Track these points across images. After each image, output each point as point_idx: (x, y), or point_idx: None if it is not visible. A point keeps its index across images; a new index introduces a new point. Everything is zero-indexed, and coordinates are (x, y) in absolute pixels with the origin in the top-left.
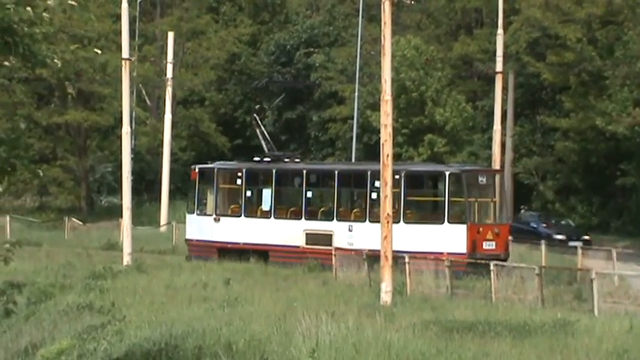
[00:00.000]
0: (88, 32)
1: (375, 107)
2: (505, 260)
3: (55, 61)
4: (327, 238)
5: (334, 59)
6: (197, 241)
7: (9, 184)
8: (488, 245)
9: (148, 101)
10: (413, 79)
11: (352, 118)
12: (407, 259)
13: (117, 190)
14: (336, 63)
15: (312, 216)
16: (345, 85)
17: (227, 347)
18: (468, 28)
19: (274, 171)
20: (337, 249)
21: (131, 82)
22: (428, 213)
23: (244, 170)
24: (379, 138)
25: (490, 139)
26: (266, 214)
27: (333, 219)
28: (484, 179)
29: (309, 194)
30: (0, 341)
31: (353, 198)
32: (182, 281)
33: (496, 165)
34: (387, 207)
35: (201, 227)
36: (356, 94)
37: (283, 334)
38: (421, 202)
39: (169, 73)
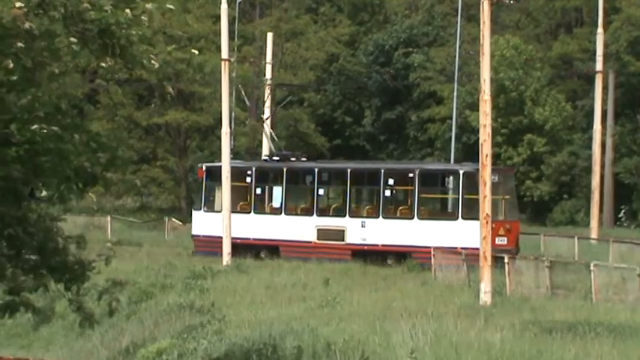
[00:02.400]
0: (187, 33)
1: (474, 107)
2: (516, 255)
3: (153, 62)
4: (339, 234)
5: (433, 59)
6: (204, 236)
7: (108, 187)
8: (501, 240)
9: (247, 102)
10: (512, 79)
11: (451, 118)
12: (506, 259)
13: None
14: (434, 63)
15: (323, 212)
16: (443, 85)
17: (326, 347)
18: (568, 27)
19: (285, 169)
20: (436, 249)
21: (230, 82)
22: (442, 209)
23: (254, 168)
24: (478, 138)
25: (590, 138)
26: (276, 211)
27: (345, 215)
28: (496, 178)
29: (321, 191)
30: (102, 340)
31: (366, 195)
32: (282, 281)
33: (596, 165)
34: (485, 207)
35: (209, 223)
36: (455, 93)
37: (382, 334)
38: (435, 199)
39: (268, 74)
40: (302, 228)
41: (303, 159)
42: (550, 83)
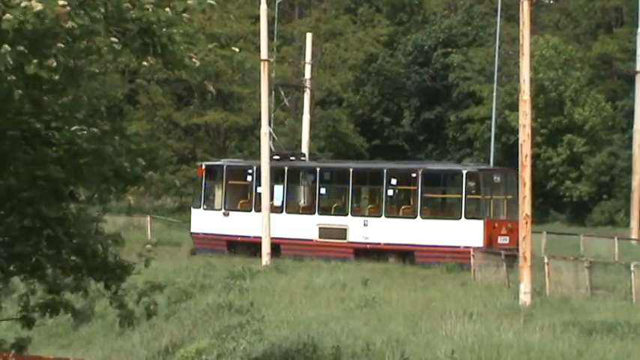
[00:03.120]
0: (227, 33)
1: (514, 107)
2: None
3: (194, 60)
4: (341, 233)
5: (472, 59)
6: (204, 234)
7: (148, 187)
8: (503, 240)
9: (286, 102)
10: (551, 79)
11: (490, 119)
12: (546, 260)
13: None
14: (474, 63)
15: (325, 211)
16: (483, 85)
17: (365, 347)
18: (608, 27)
19: (286, 168)
20: (475, 249)
21: (270, 82)
22: (445, 209)
23: (255, 167)
24: (517, 138)
25: (630, 138)
26: (277, 209)
27: (347, 214)
28: (498, 178)
29: (323, 190)
30: (142, 340)
31: (368, 195)
32: (320, 281)
33: (636, 165)
34: (525, 207)
35: (208, 221)
36: (494, 94)
37: (422, 334)
38: (438, 199)
39: (307, 74)
40: (303, 226)
41: (302, 158)
42: (590, 83)
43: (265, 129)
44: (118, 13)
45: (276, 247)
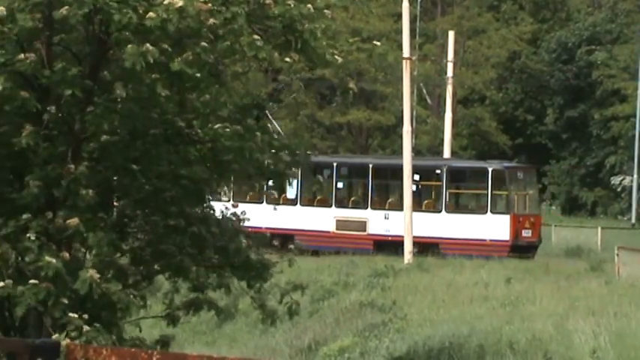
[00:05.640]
0: (369, 30)
1: None
2: (538, 246)
3: (336, 57)
4: (361, 225)
5: (616, 57)
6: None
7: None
8: (526, 233)
9: (428, 100)
10: None
11: (635, 117)
12: None
13: None
14: (618, 60)
15: (342, 204)
16: (627, 83)
17: (509, 346)
18: None
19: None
20: (620, 248)
21: (412, 81)
22: (470, 204)
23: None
24: None
25: None
26: (291, 202)
27: (367, 207)
28: (522, 175)
29: (340, 185)
30: (285, 338)
31: (391, 189)
32: (463, 280)
33: None
34: None
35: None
36: (639, 91)
37: (565, 333)
38: (463, 194)
39: (450, 72)
40: (319, 218)
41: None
42: None
43: (407, 127)
44: (260, 9)
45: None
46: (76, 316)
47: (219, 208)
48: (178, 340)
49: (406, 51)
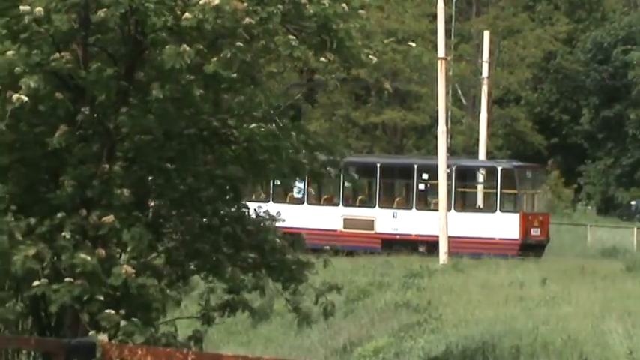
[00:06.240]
0: (404, 31)
1: None
2: (546, 244)
3: (370, 57)
4: (368, 224)
5: None
6: None
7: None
8: (535, 232)
9: (463, 100)
10: None
11: None
12: None
13: None
14: None
15: (350, 203)
16: None
17: (544, 347)
18: None
19: None
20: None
21: (447, 81)
22: (479, 202)
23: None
24: None
25: None
26: (298, 201)
27: (375, 206)
28: (530, 174)
29: (346, 183)
30: (320, 338)
31: (398, 188)
32: (498, 280)
33: None
34: None
35: None
36: None
37: (600, 334)
38: (472, 193)
39: (485, 72)
40: (326, 217)
41: None
42: None
43: (442, 127)
44: (295, 9)
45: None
46: (112, 312)
47: (253, 207)
48: (213, 341)
49: (441, 51)
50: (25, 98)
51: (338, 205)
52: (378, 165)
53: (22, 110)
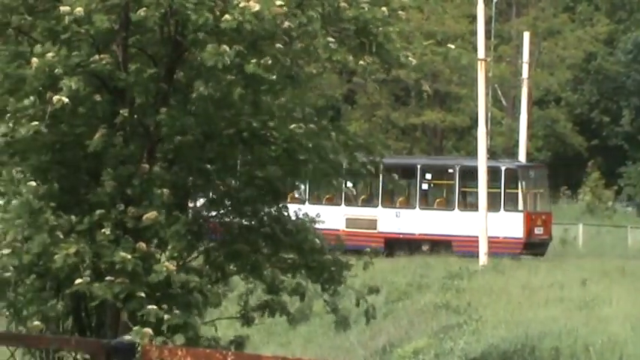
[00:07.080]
0: (444, 32)
1: None
2: (549, 243)
3: (410, 59)
4: (371, 223)
5: None
6: None
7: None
8: (538, 230)
9: (503, 101)
10: None
11: None
12: None
13: None
14: None
15: (352, 202)
16: None
17: (584, 349)
18: None
19: None
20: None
21: (487, 82)
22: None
23: None
24: None
25: None
26: (299, 201)
27: (378, 205)
28: (533, 173)
29: (349, 183)
30: (359, 339)
31: (402, 187)
32: (538, 281)
33: None
34: None
35: None
36: None
37: None
38: (476, 192)
39: (525, 73)
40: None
41: None
42: None
43: (482, 129)
44: (335, 12)
45: None
46: (154, 307)
47: (293, 208)
48: (253, 341)
49: (481, 52)
50: (66, 100)
51: (340, 204)
52: (381, 165)
53: (62, 111)
